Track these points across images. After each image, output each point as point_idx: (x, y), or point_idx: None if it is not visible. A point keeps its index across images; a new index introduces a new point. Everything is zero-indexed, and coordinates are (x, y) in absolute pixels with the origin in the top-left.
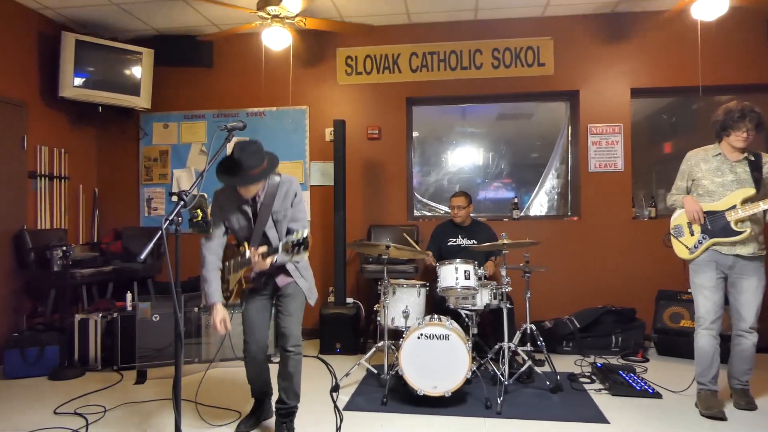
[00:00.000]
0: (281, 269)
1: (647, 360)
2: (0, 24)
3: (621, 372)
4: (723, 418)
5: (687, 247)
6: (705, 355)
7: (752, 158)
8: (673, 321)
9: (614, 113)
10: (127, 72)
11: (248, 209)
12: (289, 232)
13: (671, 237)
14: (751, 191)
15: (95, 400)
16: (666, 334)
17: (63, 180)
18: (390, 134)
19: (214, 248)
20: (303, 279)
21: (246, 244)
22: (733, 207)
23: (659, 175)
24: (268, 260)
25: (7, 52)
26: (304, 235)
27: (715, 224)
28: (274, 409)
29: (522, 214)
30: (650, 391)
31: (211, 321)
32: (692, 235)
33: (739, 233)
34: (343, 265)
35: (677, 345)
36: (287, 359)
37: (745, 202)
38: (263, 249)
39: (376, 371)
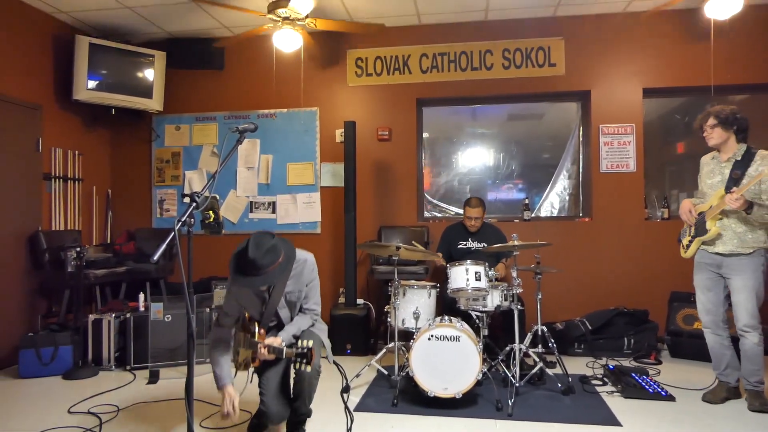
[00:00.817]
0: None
1: (660, 362)
2: (16, 28)
3: (633, 374)
4: (715, 402)
5: (683, 247)
6: (711, 351)
7: (739, 158)
8: (687, 323)
9: (626, 113)
10: (140, 75)
11: (263, 290)
12: (298, 333)
13: (680, 239)
14: (721, 191)
15: (108, 399)
16: (679, 336)
17: (77, 182)
18: (400, 135)
19: (225, 333)
20: (315, 339)
21: (257, 324)
22: (711, 206)
23: (672, 175)
24: (273, 356)
25: (23, 56)
26: (309, 346)
27: (700, 224)
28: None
29: (533, 215)
30: (663, 393)
31: (224, 408)
32: (689, 235)
33: (707, 231)
34: (353, 266)
35: (691, 347)
36: (303, 381)
37: (720, 199)
38: (272, 341)
39: (386, 372)
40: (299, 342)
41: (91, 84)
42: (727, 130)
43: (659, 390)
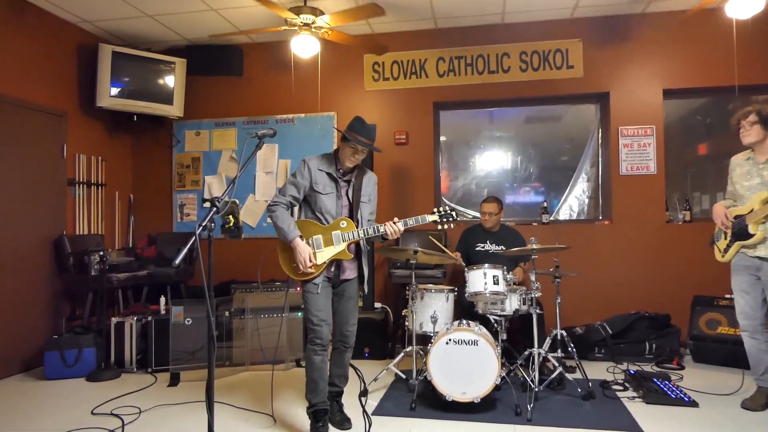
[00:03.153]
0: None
1: (683, 367)
2: (43, 38)
3: (655, 379)
4: (755, 409)
5: (720, 251)
6: (749, 355)
7: None
8: (710, 327)
9: (646, 115)
10: (161, 81)
11: (339, 181)
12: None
13: (713, 242)
14: (764, 195)
15: (130, 401)
16: (703, 341)
17: (100, 187)
18: (417, 139)
19: (284, 203)
20: (366, 265)
21: (350, 220)
22: (752, 210)
23: (694, 177)
24: (401, 227)
25: (50, 64)
26: (451, 210)
27: (739, 228)
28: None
29: (551, 218)
30: (686, 399)
31: (300, 258)
32: (726, 239)
33: (752, 236)
34: (371, 270)
35: (714, 352)
36: (345, 353)
37: (764, 203)
38: (395, 220)
39: (404, 376)
40: (442, 207)
41: (114, 91)
42: (766, 129)
43: (682, 396)
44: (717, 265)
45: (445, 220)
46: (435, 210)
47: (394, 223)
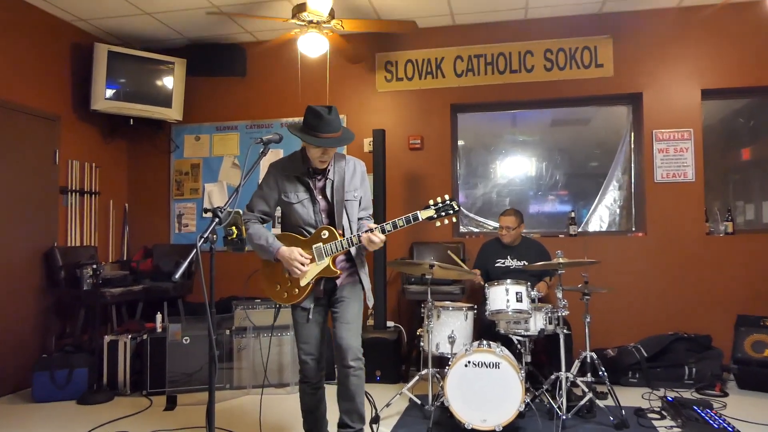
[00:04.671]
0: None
1: (726, 394)
2: (35, 36)
3: (696, 407)
4: None
5: None
6: None
7: None
8: (756, 350)
9: (683, 117)
10: (159, 83)
11: (310, 183)
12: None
13: None
14: None
15: (124, 426)
16: (748, 365)
17: (93, 195)
18: (433, 144)
19: (255, 217)
20: (364, 271)
21: (332, 229)
22: None
23: (737, 185)
24: (382, 237)
25: (42, 65)
26: (450, 199)
27: None
28: None
29: (580, 229)
30: (730, 429)
31: (289, 264)
32: None
33: None
34: (383, 286)
35: (761, 378)
36: (347, 377)
37: None
38: (374, 226)
39: (419, 402)
40: (433, 201)
41: (109, 93)
42: None
43: (725, 425)
44: (762, 282)
45: (443, 213)
46: (430, 203)
47: (372, 231)
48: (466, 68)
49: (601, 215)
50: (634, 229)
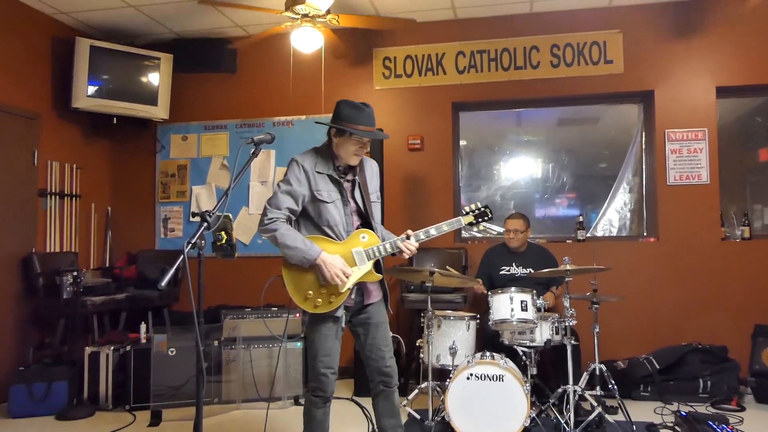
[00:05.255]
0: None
1: (743, 409)
2: (12, 31)
3: (711, 422)
4: None
5: None
6: None
7: None
8: None
9: (697, 116)
10: (144, 79)
11: (342, 182)
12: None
13: None
14: None
15: None
16: (766, 378)
17: (74, 198)
18: (434, 144)
19: (283, 218)
20: (385, 285)
21: (371, 232)
22: None
23: (754, 187)
24: (414, 244)
25: (21, 60)
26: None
27: None
28: None
29: (588, 234)
30: None
31: (331, 272)
32: None
33: None
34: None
35: None
36: (392, 394)
37: None
38: (412, 232)
39: (419, 416)
40: (471, 206)
41: (92, 90)
42: None
43: None
44: None
45: (480, 220)
46: (466, 209)
47: (408, 237)
48: (469, 64)
49: (611, 219)
50: (645, 234)
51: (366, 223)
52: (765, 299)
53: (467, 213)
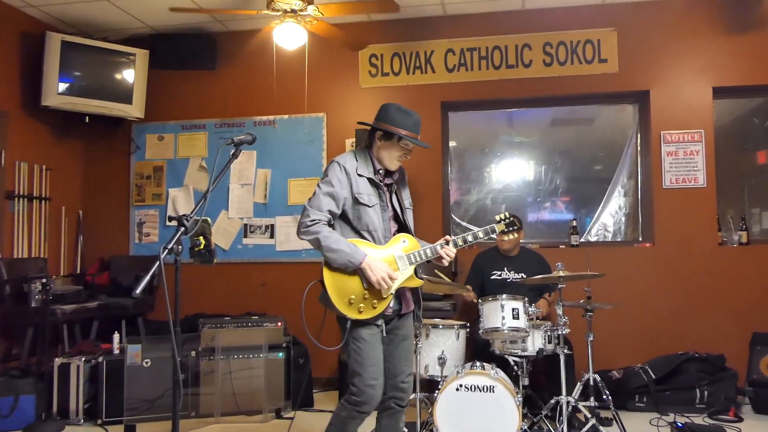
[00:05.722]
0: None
1: (741, 419)
2: None
3: None
4: None
5: None
6: None
7: None
8: None
9: (693, 117)
10: (118, 76)
11: (381, 186)
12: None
13: None
14: None
15: None
16: (764, 388)
17: (43, 201)
18: None
19: (325, 221)
20: (420, 294)
21: (412, 237)
22: None
23: (752, 190)
24: (452, 250)
25: None
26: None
27: None
28: None
29: (582, 239)
30: None
31: (378, 276)
32: None
33: None
34: None
35: None
36: (399, 416)
37: None
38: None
39: (406, 430)
40: (501, 214)
41: (63, 87)
42: None
43: None
44: None
45: (510, 228)
46: (500, 217)
47: (447, 243)
48: (458, 63)
49: (605, 224)
50: (640, 239)
51: (402, 228)
52: (763, 306)
53: (499, 221)
